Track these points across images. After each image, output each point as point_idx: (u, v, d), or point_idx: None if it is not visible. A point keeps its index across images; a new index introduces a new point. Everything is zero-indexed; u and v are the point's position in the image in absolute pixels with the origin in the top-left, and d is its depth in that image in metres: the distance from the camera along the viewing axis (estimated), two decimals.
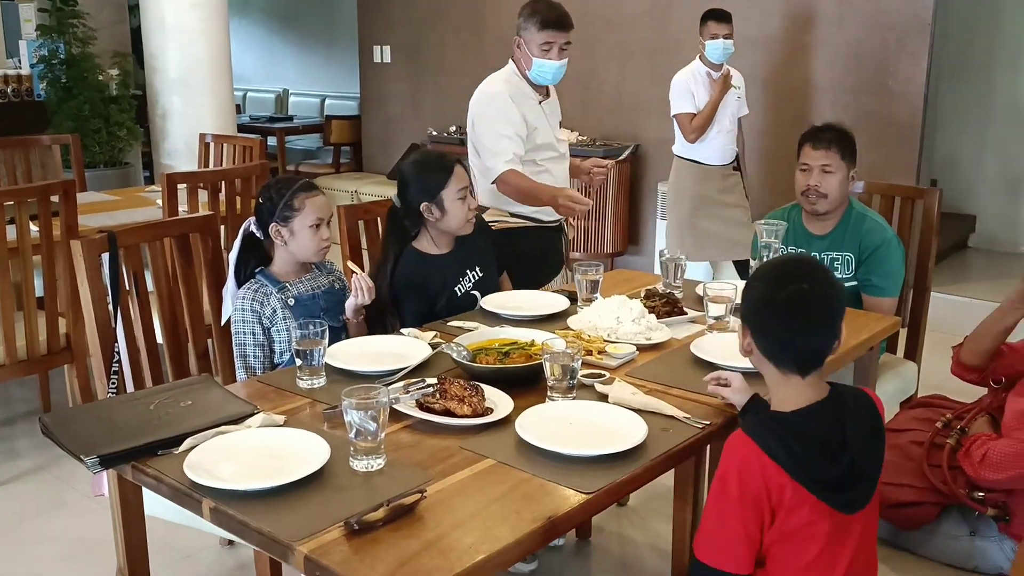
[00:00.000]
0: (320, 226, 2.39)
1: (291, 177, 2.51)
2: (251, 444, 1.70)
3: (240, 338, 2.37)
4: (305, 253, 2.41)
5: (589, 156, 3.54)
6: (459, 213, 2.58)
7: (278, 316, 2.37)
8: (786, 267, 1.72)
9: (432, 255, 2.64)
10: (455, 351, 2.08)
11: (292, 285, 2.42)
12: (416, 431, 1.81)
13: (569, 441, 1.71)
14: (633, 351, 2.19)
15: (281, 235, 2.38)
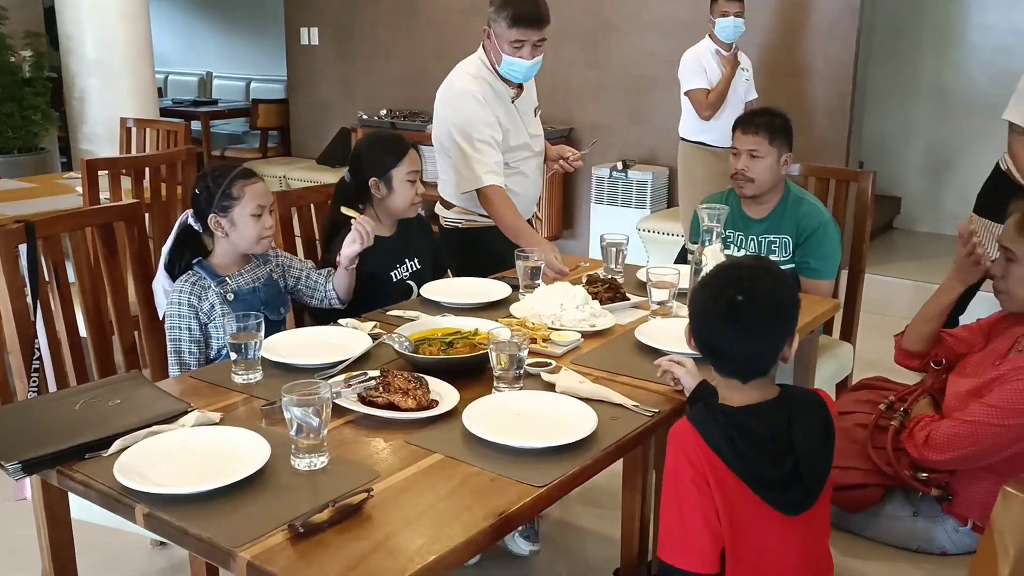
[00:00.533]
0: (262, 215, 2.29)
1: (228, 165, 2.41)
2: (186, 444, 1.62)
3: (175, 333, 2.27)
4: (247, 243, 2.31)
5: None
6: (406, 194, 2.59)
7: (216, 312, 2.27)
8: (729, 273, 1.63)
9: (379, 236, 2.60)
10: (397, 342, 2.02)
11: (232, 279, 2.32)
12: (359, 426, 1.75)
13: (518, 433, 1.67)
14: (578, 338, 2.16)
15: (221, 226, 2.28)
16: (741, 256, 1.70)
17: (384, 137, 2.72)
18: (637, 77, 5.58)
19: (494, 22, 2.87)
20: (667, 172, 5.47)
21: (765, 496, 1.55)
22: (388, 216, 2.65)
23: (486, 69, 2.95)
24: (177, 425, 1.69)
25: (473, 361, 1.96)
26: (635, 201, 5.33)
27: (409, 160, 2.58)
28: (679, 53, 5.40)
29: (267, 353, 2.00)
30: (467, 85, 2.91)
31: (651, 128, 5.59)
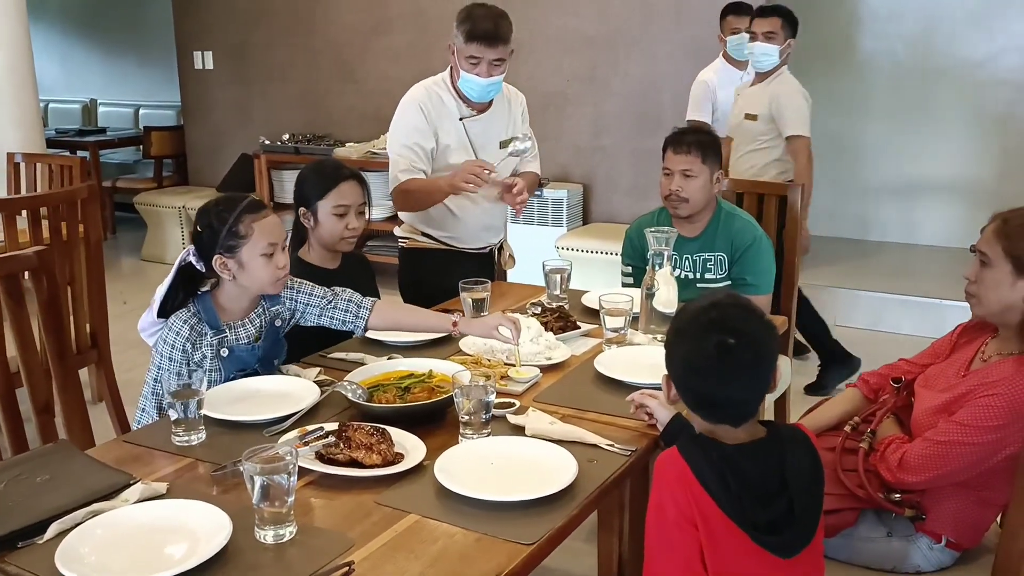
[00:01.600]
0: (274, 253, 2.02)
1: (234, 196, 2.08)
2: (134, 523, 1.46)
3: (159, 373, 2.03)
4: (259, 286, 2.06)
5: None
6: (332, 227, 2.50)
7: (207, 362, 2.03)
8: (707, 315, 1.53)
9: (315, 266, 2.55)
10: (349, 391, 1.89)
11: (232, 329, 2.08)
12: (321, 488, 1.62)
13: (497, 486, 1.57)
14: (537, 374, 2.07)
15: (228, 268, 2.02)
16: (708, 294, 1.61)
17: (317, 167, 2.62)
18: (545, 94, 5.54)
19: (455, 36, 2.83)
20: (581, 189, 5.45)
21: (759, 540, 1.49)
22: (326, 250, 2.55)
23: (443, 83, 2.92)
24: (120, 501, 1.53)
25: (434, 407, 1.85)
26: (551, 219, 5.29)
27: (338, 193, 2.49)
28: (586, 70, 5.42)
29: (208, 410, 1.85)
30: (414, 93, 2.90)
31: (562, 145, 5.56)
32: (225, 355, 2.05)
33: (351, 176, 2.52)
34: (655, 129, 5.22)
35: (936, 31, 5.85)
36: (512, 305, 2.62)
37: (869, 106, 6.01)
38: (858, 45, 6.09)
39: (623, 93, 5.37)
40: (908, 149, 6.04)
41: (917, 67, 5.92)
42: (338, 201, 2.48)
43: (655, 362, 2.13)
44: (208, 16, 6.75)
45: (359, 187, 2.53)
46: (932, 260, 5.72)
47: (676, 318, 1.63)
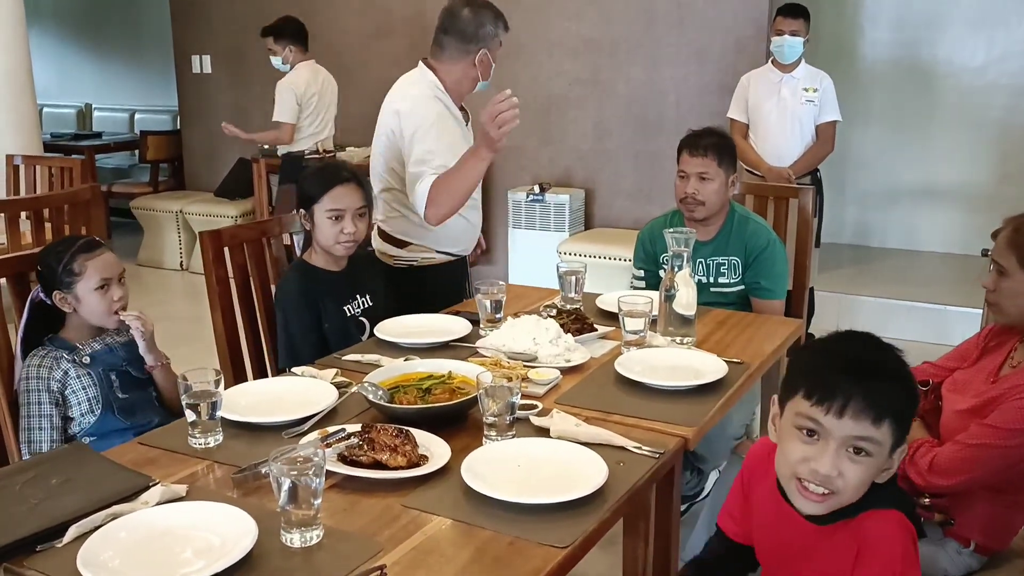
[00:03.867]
0: (108, 287, 2.18)
1: (71, 238, 2.33)
2: (155, 526, 1.42)
3: (25, 410, 2.14)
4: (97, 318, 2.21)
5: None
6: (327, 231, 2.45)
7: (71, 376, 2.15)
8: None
9: (321, 269, 2.51)
10: (370, 391, 1.85)
11: (85, 345, 2.21)
12: (345, 491, 1.58)
13: (526, 488, 1.53)
14: (557, 375, 2.04)
15: (68, 302, 2.18)
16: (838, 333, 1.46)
17: (321, 169, 2.57)
18: (546, 97, 5.52)
19: (492, 38, 2.78)
20: (583, 194, 5.42)
21: None
22: (326, 253, 2.52)
23: (442, 92, 2.78)
24: (139, 503, 1.49)
25: (458, 408, 1.81)
26: (553, 224, 5.26)
27: (332, 197, 2.44)
28: (587, 72, 5.40)
29: (225, 412, 1.81)
30: (430, 93, 2.74)
31: (564, 149, 5.54)
32: (88, 362, 2.17)
33: (349, 179, 2.46)
34: (658, 133, 5.21)
35: (936, 37, 5.85)
36: (526, 307, 2.59)
37: (869, 112, 6.01)
38: (858, 51, 6.09)
39: (626, 97, 5.35)
40: (908, 155, 6.03)
41: (917, 73, 5.92)
42: (333, 204, 2.43)
43: (676, 364, 2.11)
44: (207, 20, 6.71)
45: (358, 191, 2.47)
46: (934, 266, 5.71)
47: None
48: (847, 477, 1.32)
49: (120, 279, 2.21)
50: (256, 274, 2.61)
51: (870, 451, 1.31)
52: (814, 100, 4.45)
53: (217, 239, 2.53)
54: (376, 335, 2.34)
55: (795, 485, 1.37)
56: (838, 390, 1.29)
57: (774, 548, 1.53)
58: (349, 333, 2.47)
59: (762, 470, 1.54)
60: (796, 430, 1.35)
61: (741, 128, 4.58)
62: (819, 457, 1.32)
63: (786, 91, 4.45)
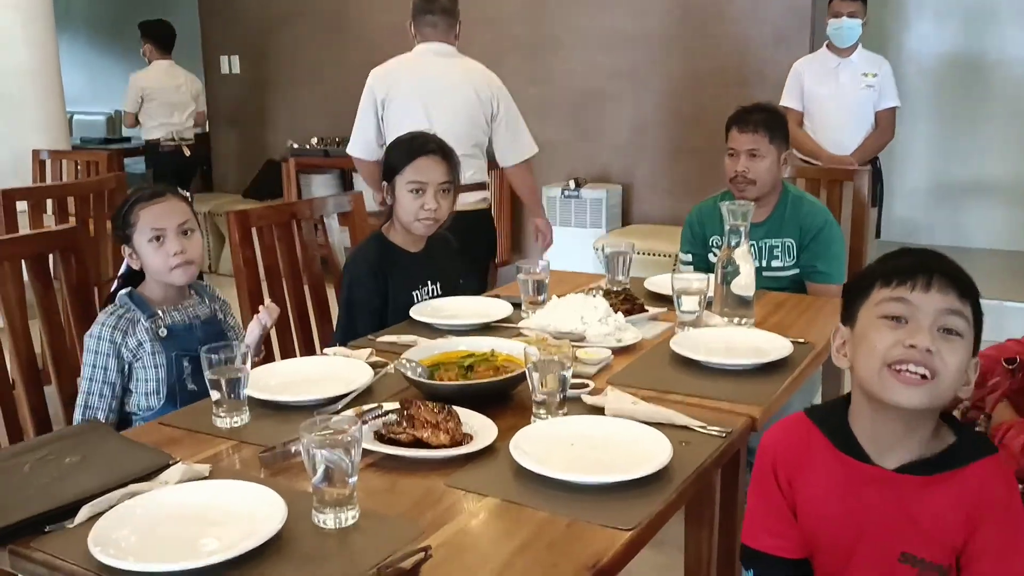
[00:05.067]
0: (162, 239, 1.96)
1: (146, 186, 2.10)
2: (175, 506, 1.29)
3: (88, 371, 1.95)
4: (156, 272, 2.00)
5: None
6: (407, 205, 2.31)
7: (144, 350, 1.95)
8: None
9: (397, 246, 2.38)
10: (409, 368, 1.71)
11: (166, 312, 2.00)
12: (383, 470, 1.44)
13: (583, 467, 1.39)
14: (608, 355, 1.89)
15: (132, 256, 2.01)
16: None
17: (404, 139, 2.42)
18: (583, 92, 5.38)
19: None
20: (620, 190, 5.27)
21: None
22: (405, 230, 2.37)
23: None
24: (158, 483, 1.36)
25: (504, 385, 1.67)
26: (590, 220, 5.11)
27: (415, 169, 2.30)
28: (626, 66, 5.26)
29: (253, 391, 1.67)
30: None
31: (601, 145, 5.39)
32: (164, 335, 1.97)
33: (435, 151, 2.32)
34: (696, 128, 5.05)
35: (984, 29, 5.65)
36: (570, 291, 2.44)
37: (916, 106, 5.81)
38: (904, 44, 5.90)
39: (663, 91, 5.20)
40: (955, 149, 5.83)
41: (965, 65, 5.72)
42: (415, 176, 2.29)
43: (736, 344, 1.96)
44: (235, 19, 6.64)
45: (444, 164, 2.32)
46: (984, 262, 5.49)
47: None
48: (944, 359, 1.22)
49: (183, 230, 1.97)
50: (285, 257, 2.49)
51: (960, 331, 1.23)
52: (874, 85, 4.20)
53: (245, 219, 2.41)
54: (411, 316, 2.20)
55: (888, 375, 1.23)
56: (919, 268, 1.24)
57: (850, 529, 1.33)
58: (385, 317, 2.33)
59: (801, 448, 1.36)
60: (882, 321, 1.25)
61: (796, 116, 4.34)
62: (914, 334, 1.22)
63: (844, 76, 4.21)
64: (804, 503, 1.36)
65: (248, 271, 2.39)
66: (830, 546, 1.35)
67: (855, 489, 1.31)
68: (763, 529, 1.38)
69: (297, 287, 2.50)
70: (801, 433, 1.37)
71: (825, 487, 1.34)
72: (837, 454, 1.32)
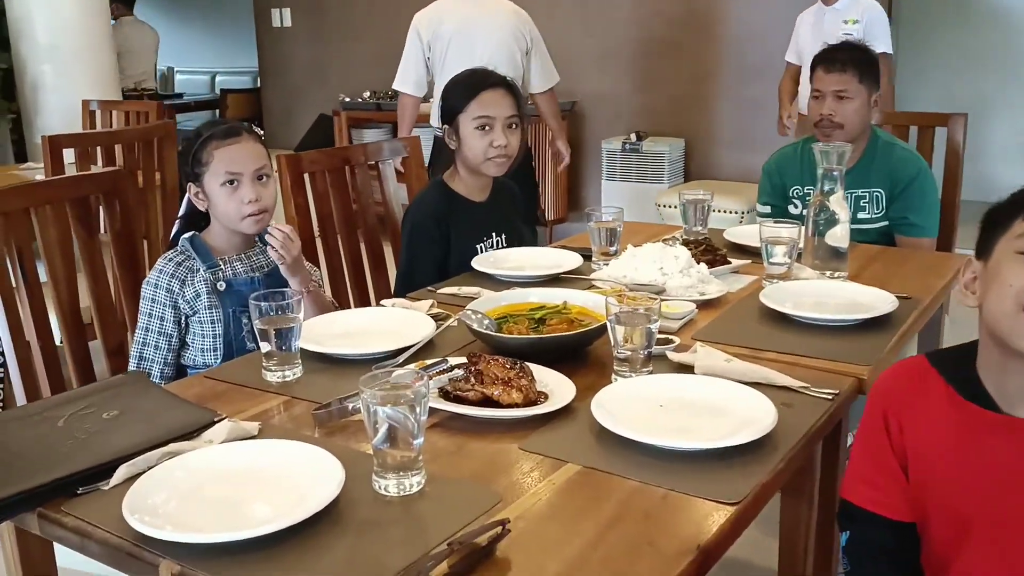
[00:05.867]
0: (237, 184, 1.81)
1: (213, 121, 1.96)
2: (220, 469, 1.15)
3: (143, 321, 1.83)
4: (227, 220, 1.85)
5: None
6: (474, 145, 2.14)
7: (201, 303, 1.82)
8: None
9: (461, 196, 2.21)
10: (475, 320, 1.56)
11: (228, 263, 1.87)
12: (450, 432, 1.29)
13: (675, 432, 1.23)
14: (693, 309, 1.72)
15: (200, 198, 1.86)
16: None
17: (462, 76, 2.25)
18: (643, 41, 5.15)
19: None
20: (683, 143, 5.05)
21: None
22: (473, 175, 2.21)
23: None
24: (202, 442, 1.23)
25: (581, 339, 1.51)
26: (651, 175, 4.91)
27: (480, 103, 2.13)
28: (687, 13, 5.01)
29: (306, 343, 1.54)
30: None
31: (662, 96, 5.16)
32: (223, 289, 1.82)
33: (499, 83, 2.15)
34: (759, 78, 4.79)
35: None
36: (644, 242, 2.27)
37: (993, 60, 5.48)
38: None
39: (726, 39, 4.94)
40: None
41: None
42: (482, 111, 2.12)
43: (832, 298, 1.78)
44: None
45: (509, 97, 2.16)
46: None
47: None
48: None
49: (260, 176, 1.83)
50: (338, 205, 2.35)
51: None
52: (853, 32, 3.87)
53: (297, 163, 2.27)
54: (474, 267, 2.04)
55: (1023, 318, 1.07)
56: None
57: (971, 490, 1.15)
58: (447, 267, 2.19)
59: (917, 393, 1.19)
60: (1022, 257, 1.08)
61: (792, 71, 4.18)
62: None
63: (828, 25, 3.94)
64: (917, 459, 1.19)
65: (300, 219, 2.25)
66: (945, 510, 1.18)
67: (977, 440, 1.14)
68: (864, 481, 1.23)
69: (351, 237, 2.35)
70: (918, 377, 1.20)
71: (943, 439, 1.16)
72: (959, 402, 1.15)
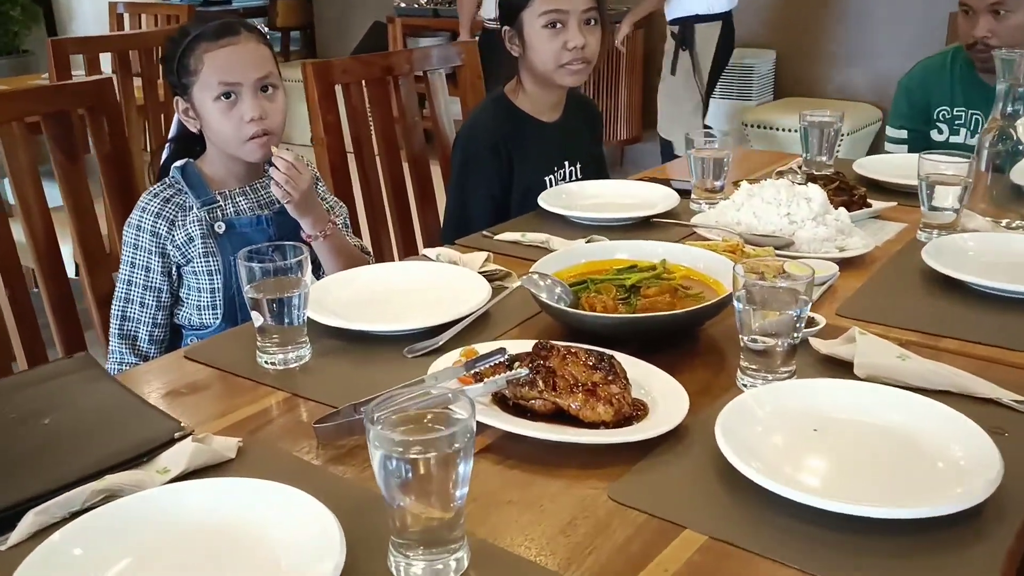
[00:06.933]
0: (234, 97, 1.41)
1: (211, 19, 1.52)
2: (170, 526, 0.77)
3: (125, 272, 1.46)
4: (225, 144, 1.46)
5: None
6: (544, 48, 1.71)
7: (196, 248, 1.44)
8: None
9: (527, 114, 1.80)
10: (543, 287, 1.15)
11: (228, 198, 1.48)
12: (506, 458, 0.90)
13: (856, 480, 0.82)
14: (834, 272, 1.29)
15: (189, 115, 1.48)
16: None
17: None
18: None
19: None
20: (773, 56, 4.51)
21: None
22: (541, 88, 1.79)
23: None
24: (154, 471, 0.85)
25: (692, 319, 1.09)
26: (737, 92, 4.40)
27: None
28: None
29: (316, 313, 1.15)
30: None
31: (748, 4, 4.60)
32: (222, 231, 1.46)
33: None
34: None
35: None
36: (750, 174, 1.83)
37: None
38: None
39: None
40: None
41: None
42: (550, 5, 1.69)
43: None
44: None
45: None
46: None
47: None
48: None
49: (264, 86, 1.43)
50: (378, 123, 1.94)
51: None
52: None
53: (326, 72, 1.87)
54: (540, 205, 1.63)
55: None
56: None
57: None
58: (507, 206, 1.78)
59: None
60: None
61: None
62: None
63: None
64: None
65: (330, 140, 1.86)
66: None
67: None
68: None
69: (393, 164, 1.96)
70: None
71: None
72: None
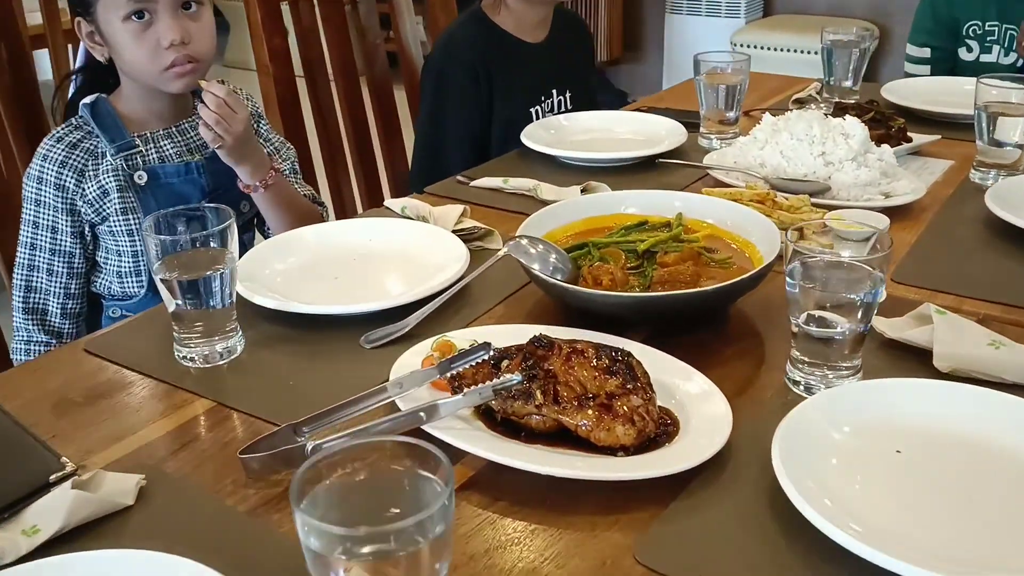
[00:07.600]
0: (149, 17, 1.17)
1: None
2: None
3: (27, 233, 1.23)
4: (140, 74, 1.22)
5: None
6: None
7: (112, 204, 1.21)
8: None
9: (509, 34, 1.59)
10: (535, 258, 0.92)
11: (152, 142, 1.24)
12: (493, 498, 0.68)
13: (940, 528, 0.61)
14: (884, 224, 1.07)
15: (96, 42, 1.24)
16: None
17: None
18: None
19: None
20: None
21: None
22: (525, 1, 1.57)
23: None
24: (18, 533, 0.63)
25: (726, 296, 0.87)
26: (724, 8, 4.13)
27: None
28: None
29: (249, 290, 0.92)
30: None
31: None
32: (143, 182, 1.22)
33: None
34: None
35: None
36: (761, 103, 1.60)
37: None
38: None
39: None
40: None
41: None
42: None
43: None
44: None
45: None
46: None
47: None
48: None
49: (185, 3, 1.19)
50: (333, 46, 1.68)
51: None
52: None
53: None
54: (524, 142, 1.39)
55: None
56: None
57: None
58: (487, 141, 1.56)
59: None
60: None
61: None
62: None
63: None
64: None
65: (277, 69, 1.60)
66: None
67: None
68: None
69: (353, 95, 1.70)
70: None
71: None
72: None
